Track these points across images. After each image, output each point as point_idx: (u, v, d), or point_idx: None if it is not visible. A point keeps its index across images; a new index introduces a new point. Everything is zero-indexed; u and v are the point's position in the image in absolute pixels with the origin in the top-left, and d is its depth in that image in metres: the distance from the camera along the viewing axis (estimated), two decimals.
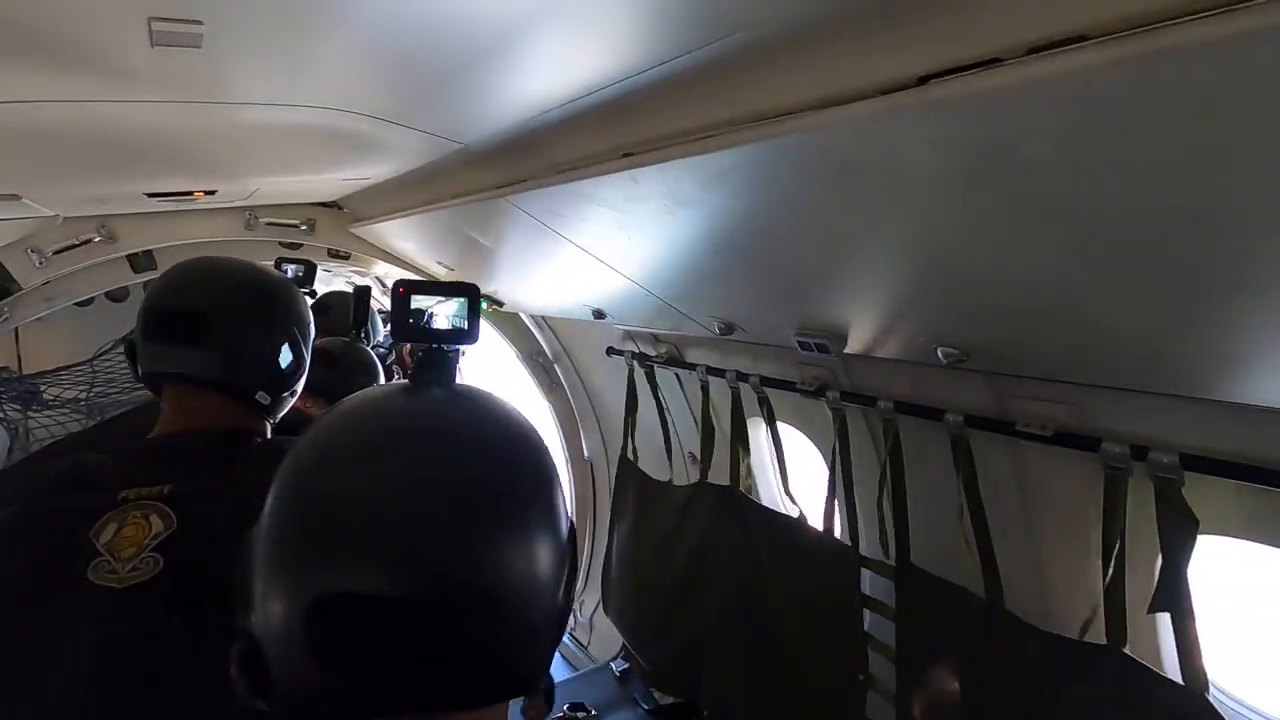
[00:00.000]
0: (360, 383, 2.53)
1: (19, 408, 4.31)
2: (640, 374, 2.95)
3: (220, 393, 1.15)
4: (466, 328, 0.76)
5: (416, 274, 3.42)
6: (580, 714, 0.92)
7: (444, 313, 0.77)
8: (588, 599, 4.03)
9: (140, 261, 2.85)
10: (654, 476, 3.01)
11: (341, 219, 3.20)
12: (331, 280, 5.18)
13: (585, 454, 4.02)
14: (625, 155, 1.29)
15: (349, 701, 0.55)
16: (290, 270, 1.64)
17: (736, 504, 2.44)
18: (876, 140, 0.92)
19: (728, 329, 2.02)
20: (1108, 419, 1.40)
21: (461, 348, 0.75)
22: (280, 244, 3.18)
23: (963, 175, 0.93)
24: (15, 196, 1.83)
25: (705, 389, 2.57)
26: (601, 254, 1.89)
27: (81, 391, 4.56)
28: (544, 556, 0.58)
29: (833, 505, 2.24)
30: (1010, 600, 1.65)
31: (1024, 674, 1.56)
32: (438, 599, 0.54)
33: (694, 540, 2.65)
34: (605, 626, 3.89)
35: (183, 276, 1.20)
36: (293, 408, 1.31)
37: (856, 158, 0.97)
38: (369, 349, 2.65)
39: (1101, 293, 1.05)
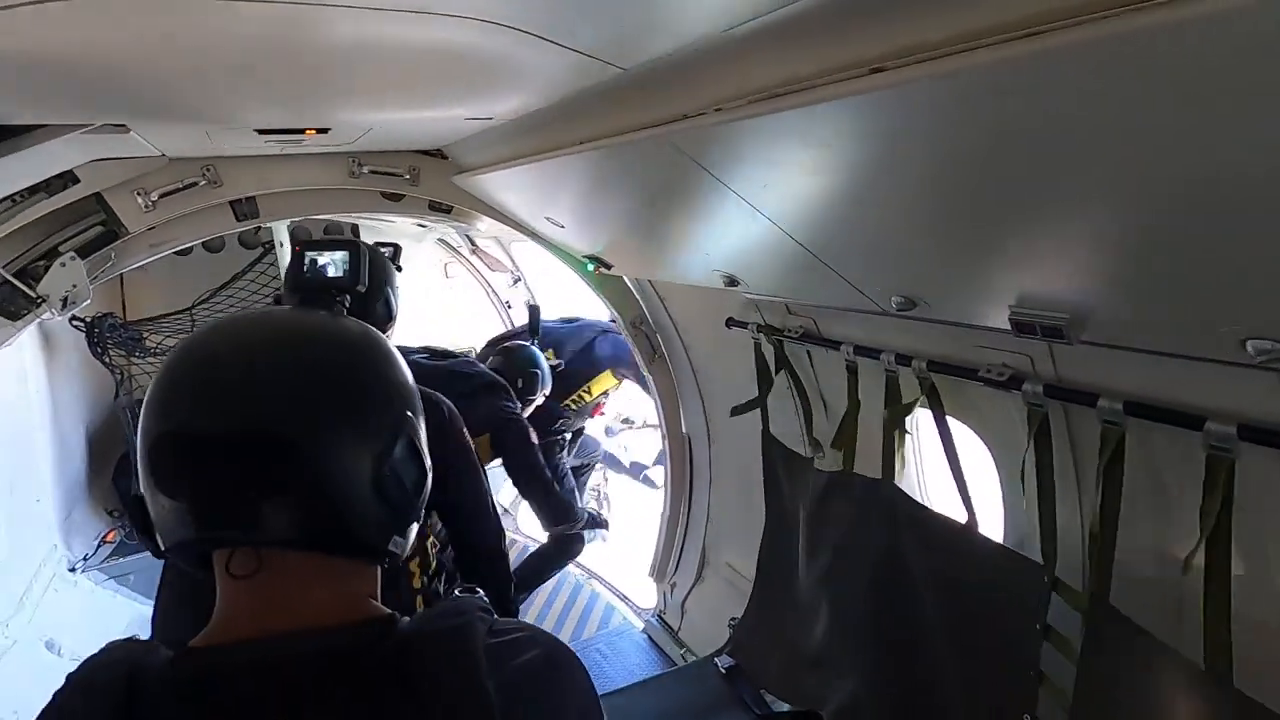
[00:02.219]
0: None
1: (124, 354, 4.37)
2: (768, 349, 2.66)
3: (343, 556, 0.74)
4: (347, 274, 0.98)
5: (519, 230, 3.20)
6: (470, 594, 0.74)
7: (331, 260, 0.98)
8: (680, 581, 3.83)
9: (244, 208, 2.72)
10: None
11: (444, 169, 2.98)
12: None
13: (683, 428, 3.78)
14: (804, 89, 0.99)
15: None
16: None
17: (888, 502, 2.14)
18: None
19: (908, 304, 1.70)
20: None
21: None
22: (382, 195, 3.00)
23: None
24: (123, 127, 1.67)
25: (853, 371, 2.26)
26: (767, 209, 1.60)
27: (181, 340, 4.61)
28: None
29: (1012, 515, 1.92)
30: (1241, 677, 1.32)
31: None
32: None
33: (835, 534, 2.38)
34: (699, 613, 3.69)
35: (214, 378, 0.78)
36: None
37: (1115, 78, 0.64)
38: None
39: None
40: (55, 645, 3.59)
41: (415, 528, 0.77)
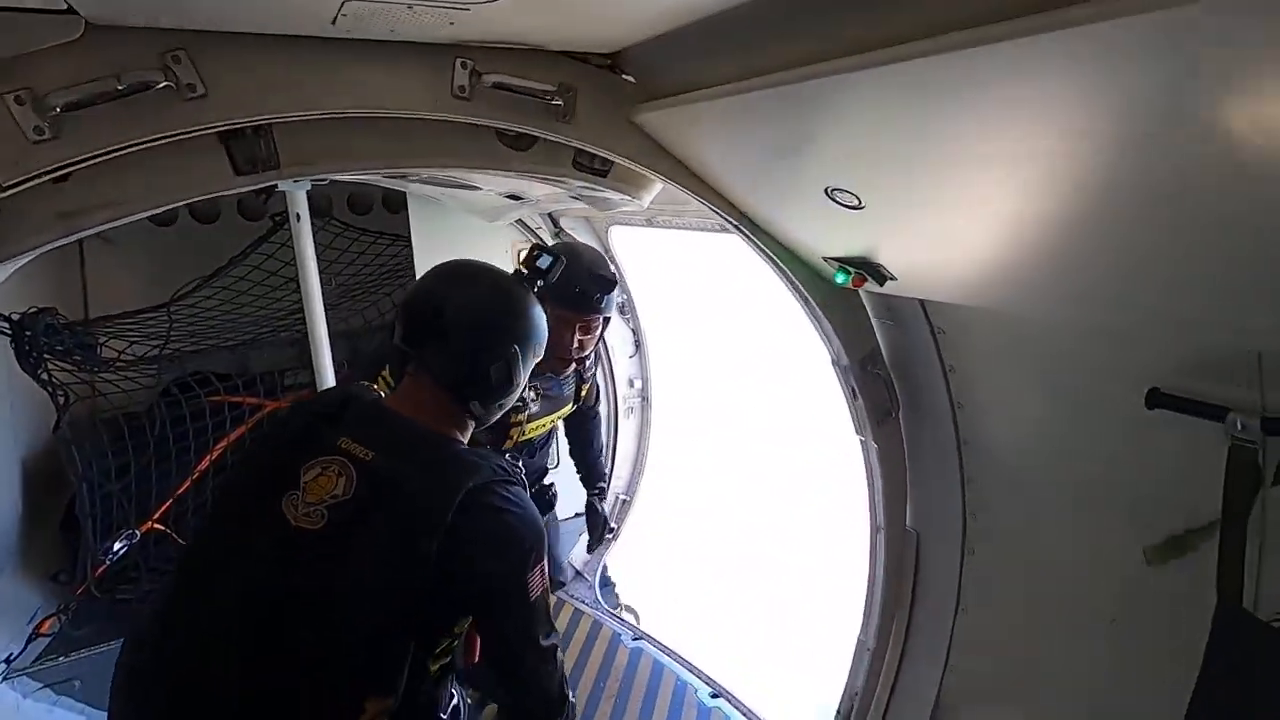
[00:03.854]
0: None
1: (70, 368, 3.01)
2: (1263, 458, 1.37)
3: (448, 391, 1.39)
4: (548, 269, 1.56)
5: (729, 214, 1.87)
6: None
7: (547, 258, 1.56)
8: None
9: (248, 148, 1.38)
10: None
11: (619, 95, 1.65)
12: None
13: (909, 521, 2.49)
14: None
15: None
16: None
17: None
18: None
19: None
20: None
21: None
22: (499, 137, 1.67)
23: None
24: None
25: None
26: None
27: (153, 347, 3.28)
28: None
29: None
30: None
31: None
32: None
33: None
34: None
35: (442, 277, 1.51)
36: None
37: None
38: None
39: None
40: None
41: (495, 413, 1.46)
